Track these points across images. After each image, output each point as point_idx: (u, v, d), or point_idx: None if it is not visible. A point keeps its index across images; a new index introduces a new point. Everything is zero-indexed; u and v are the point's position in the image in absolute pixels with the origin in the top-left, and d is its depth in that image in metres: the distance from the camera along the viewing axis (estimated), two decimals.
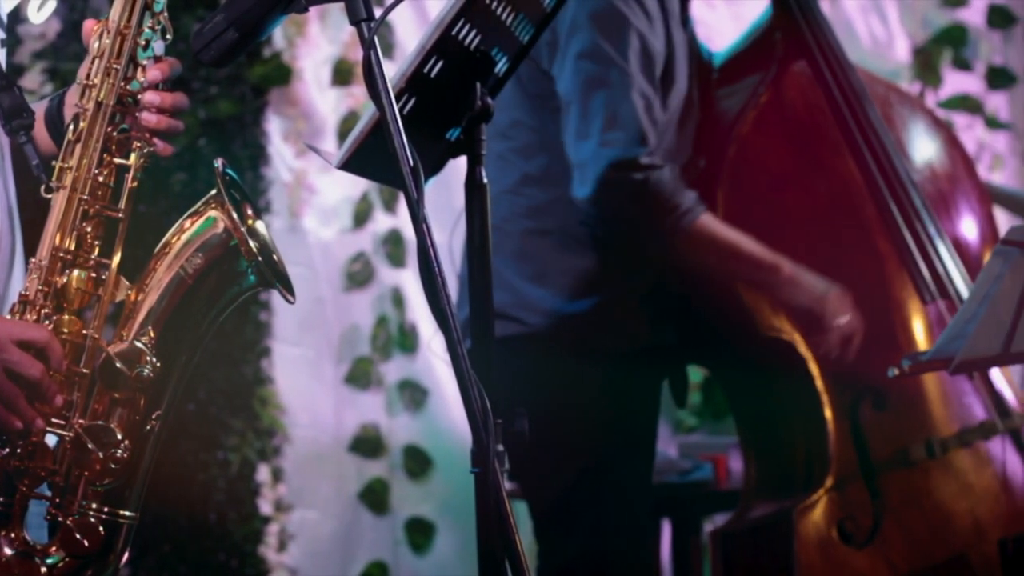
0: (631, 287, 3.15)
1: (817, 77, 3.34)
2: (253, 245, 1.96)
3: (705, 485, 3.90)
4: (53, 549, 1.94)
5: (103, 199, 1.96)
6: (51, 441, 1.93)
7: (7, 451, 1.91)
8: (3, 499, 1.92)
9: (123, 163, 1.97)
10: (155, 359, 1.95)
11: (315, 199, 4.23)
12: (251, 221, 1.99)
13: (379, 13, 1.90)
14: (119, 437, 1.93)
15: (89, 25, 1.99)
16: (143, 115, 1.96)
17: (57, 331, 1.93)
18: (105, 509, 1.94)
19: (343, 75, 4.26)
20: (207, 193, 2.00)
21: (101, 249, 1.96)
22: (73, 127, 1.95)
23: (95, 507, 1.94)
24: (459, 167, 2.23)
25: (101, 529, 1.93)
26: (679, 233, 3.07)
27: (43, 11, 2.20)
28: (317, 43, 4.23)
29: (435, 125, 2.22)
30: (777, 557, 3.14)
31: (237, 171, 2.06)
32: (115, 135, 1.96)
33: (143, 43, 1.96)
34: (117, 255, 1.96)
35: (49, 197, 1.95)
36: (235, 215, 1.96)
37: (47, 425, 1.91)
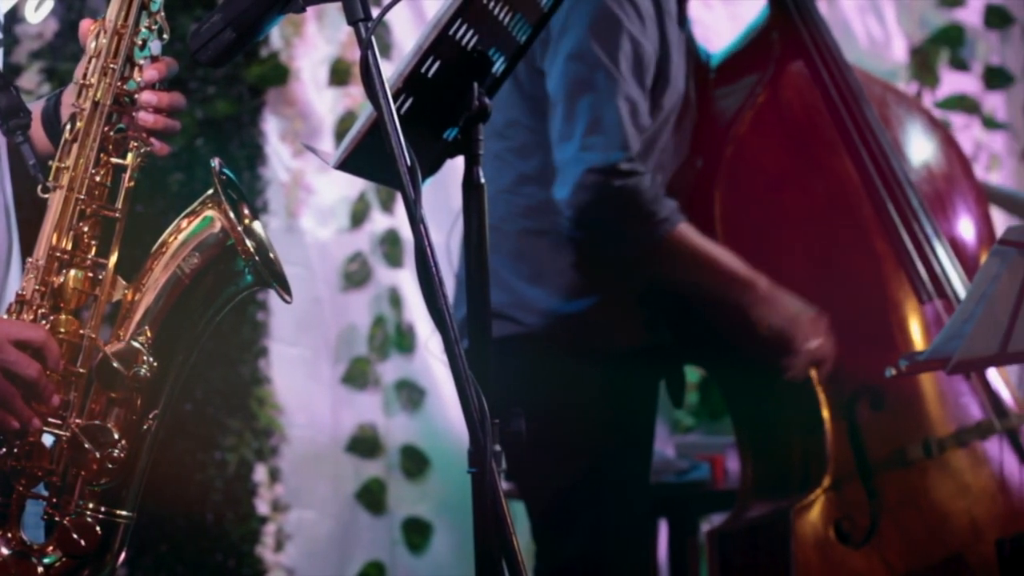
0: (628, 287, 3.14)
1: (814, 77, 3.34)
2: (250, 245, 1.96)
3: (702, 485, 3.90)
4: (50, 549, 1.94)
5: (100, 199, 1.96)
6: (48, 441, 1.93)
7: (4, 451, 1.91)
8: (0, 499, 1.92)
9: (120, 163, 1.97)
10: (152, 359, 1.95)
11: (312, 199, 4.22)
12: (248, 221, 1.99)
13: (376, 13, 1.90)
14: (116, 437, 1.93)
15: (86, 25, 1.99)
16: (140, 115, 1.96)
17: (54, 331, 1.93)
18: (102, 509, 1.94)
19: (340, 75, 4.25)
20: (204, 193, 2.00)
21: (98, 249, 1.96)
22: (70, 127, 1.95)
23: (92, 507, 1.94)
24: (456, 167, 2.22)
25: (98, 529, 1.93)
26: (655, 242, 3.06)
27: (40, 11, 2.20)
28: (314, 43, 4.23)
29: (432, 125, 2.22)
30: (774, 557, 3.14)
31: (234, 171, 2.06)
32: (112, 135, 1.96)
33: (140, 43, 1.96)
34: (114, 255, 1.96)
35: (46, 197, 1.95)
36: (232, 215, 1.96)
37: (44, 425, 1.91)
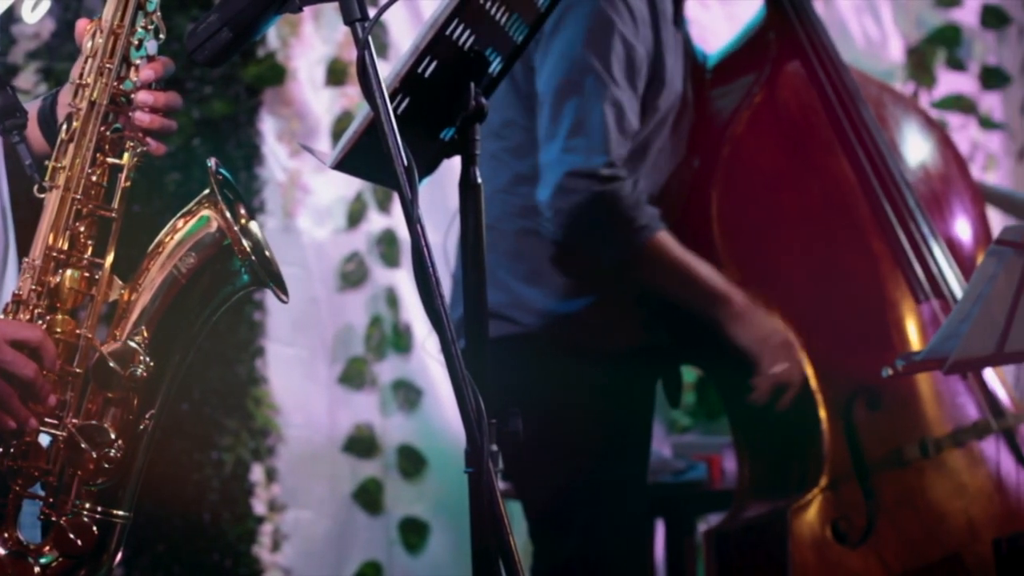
0: (625, 287, 3.14)
1: (811, 77, 3.34)
2: (246, 244, 1.96)
3: (699, 485, 3.90)
4: (47, 549, 1.94)
5: (96, 199, 1.96)
6: (44, 441, 1.93)
7: (1, 451, 1.91)
8: None
9: (116, 163, 1.97)
10: (148, 358, 1.95)
11: (309, 199, 4.22)
12: (244, 220, 1.99)
13: (373, 13, 1.90)
14: (112, 437, 1.93)
15: (82, 24, 1.99)
16: (136, 114, 1.96)
17: (50, 330, 1.93)
18: (99, 509, 1.94)
19: (337, 75, 4.25)
20: (201, 193, 2.00)
21: (94, 249, 1.96)
22: (66, 127, 1.95)
23: (88, 507, 1.94)
24: (453, 167, 2.22)
25: (95, 529, 1.93)
26: (632, 249, 3.05)
27: (37, 11, 2.20)
28: (311, 43, 4.23)
29: (429, 125, 2.22)
30: (771, 557, 3.14)
31: (231, 171, 2.06)
32: (108, 134, 1.96)
33: (136, 43, 1.96)
34: (110, 255, 1.97)
35: (42, 197, 1.95)
36: (228, 214, 1.96)
37: (40, 425, 1.91)
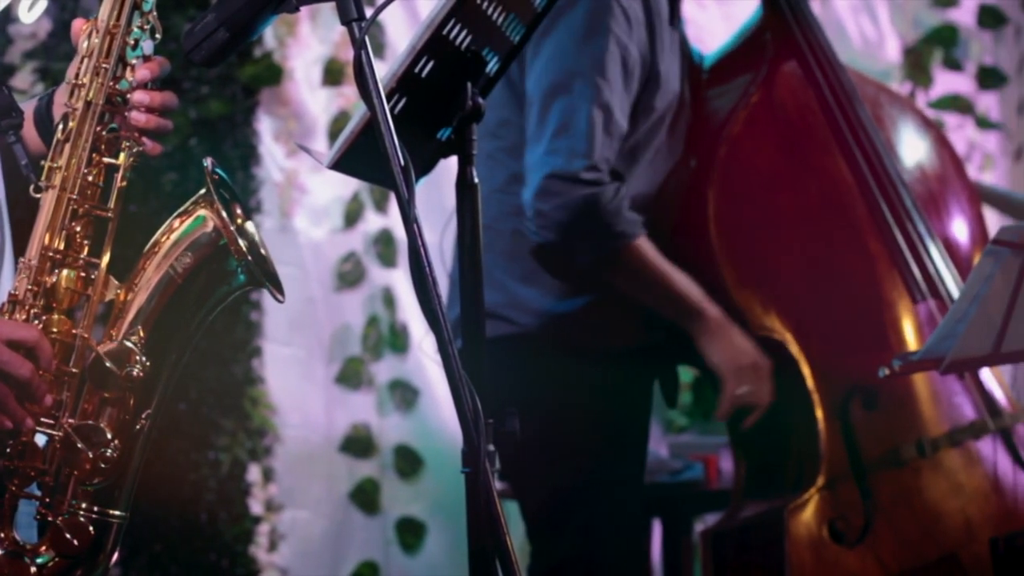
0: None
1: (808, 77, 3.34)
2: (243, 244, 1.96)
3: (696, 485, 3.90)
4: (43, 549, 1.94)
5: (92, 198, 1.96)
6: (41, 441, 1.93)
7: None
8: None
9: (112, 162, 1.97)
10: (145, 358, 1.95)
11: (306, 199, 4.22)
12: (240, 220, 1.99)
13: (370, 13, 1.90)
14: (109, 436, 1.93)
15: (78, 24, 1.99)
16: (132, 114, 1.96)
17: (47, 330, 1.93)
18: (95, 508, 1.94)
19: (334, 75, 4.25)
20: (197, 193, 2.00)
21: (90, 248, 1.96)
22: (62, 126, 1.95)
23: (85, 507, 1.94)
24: (450, 167, 2.22)
25: (91, 528, 1.93)
26: (608, 254, 3.04)
27: (34, 11, 2.20)
28: (308, 43, 4.23)
29: (426, 125, 2.21)
30: (768, 557, 3.14)
31: (228, 171, 2.06)
32: (104, 134, 1.96)
33: (132, 42, 1.96)
34: (106, 254, 1.97)
35: (38, 197, 1.95)
36: (224, 214, 1.96)
37: (37, 425, 1.91)
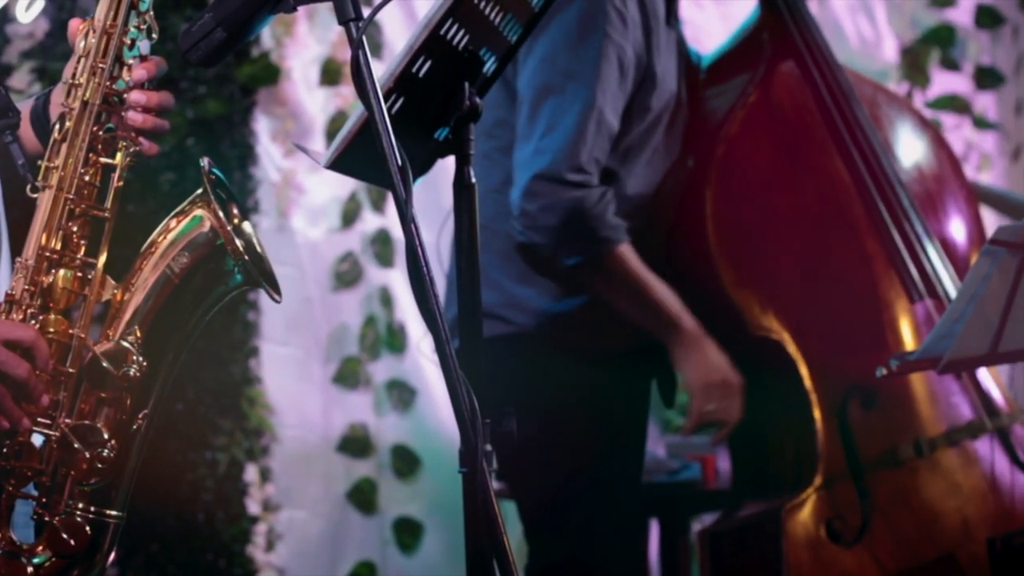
0: None
1: (805, 77, 3.34)
2: (239, 244, 1.96)
3: (693, 485, 3.90)
4: (39, 549, 1.94)
5: (89, 198, 1.96)
6: (37, 441, 1.93)
7: None
8: None
9: (109, 162, 1.97)
10: (141, 358, 1.95)
11: (303, 199, 4.22)
12: (237, 220, 1.99)
13: (367, 13, 1.90)
14: (105, 436, 1.93)
15: (75, 24, 1.99)
16: (129, 114, 1.96)
17: (43, 330, 1.92)
18: (92, 508, 1.94)
19: (331, 75, 4.25)
20: (194, 192, 2.00)
21: (87, 248, 1.96)
22: (59, 126, 1.95)
23: (81, 507, 1.93)
24: (447, 167, 2.22)
25: (87, 529, 1.93)
26: (589, 258, 3.02)
27: (31, 10, 2.20)
28: (305, 43, 4.23)
29: (423, 125, 2.21)
30: (765, 556, 3.14)
31: (225, 171, 2.06)
32: (101, 134, 1.96)
33: (129, 42, 1.96)
34: (103, 254, 1.96)
35: (35, 197, 1.95)
36: (221, 214, 1.96)
37: (33, 425, 1.91)
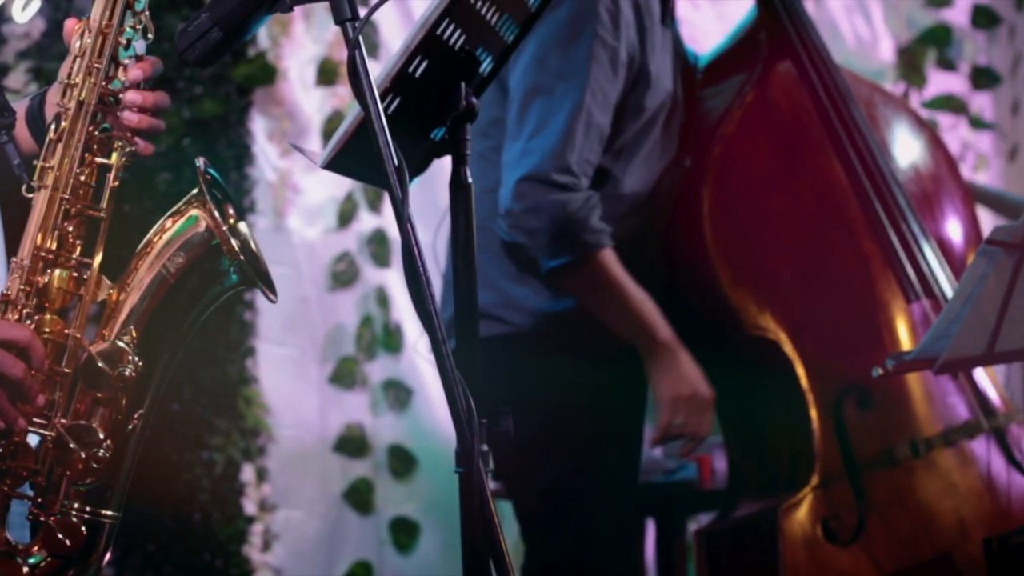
0: None
1: (802, 77, 3.34)
2: (235, 244, 1.96)
3: (690, 485, 3.90)
4: (35, 549, 1.94)
5: (85, 198, 1.96)
6: (33, 441, 1.93)
7: None
8: None
9: (105, 162, 1.97)
10: (137, 358, 1.94)
11: (300, 199, 4.22)
12: (233, 220, 1.99)
13: (364, 13, 1.90)
14: (101, 436, 1.93)
15: (70, 24, 1.99)
16: (124, 114, 1.96)
17: (39, 331, 1.92)
18: (87, 509, 1.94)
19: (328, 75, 4.25)
20: (190, 192, 2.00)
21: (83, 249, 1.96)
22: (55, 126, 1.95)
23: (77, 507, 1.93)
24: (443, 167, 2.22)
25: (83, 529, 1.93)
26: (570, 261, 3.01)
27: (27, 10, 2.20)
28: (302, 43, 4.23)
29: (420, 125, 2.22)
30: (762, 556, 3.14)
31: (222, 171, 2.06)
32: (97, 134, 1.96)
33: (124, 42, 1.96)
34: (99, 255, 1.96)
35: (31, 197, 1.95)
36: (217, 214, 1.96)
37: (29, 425, 1.91)
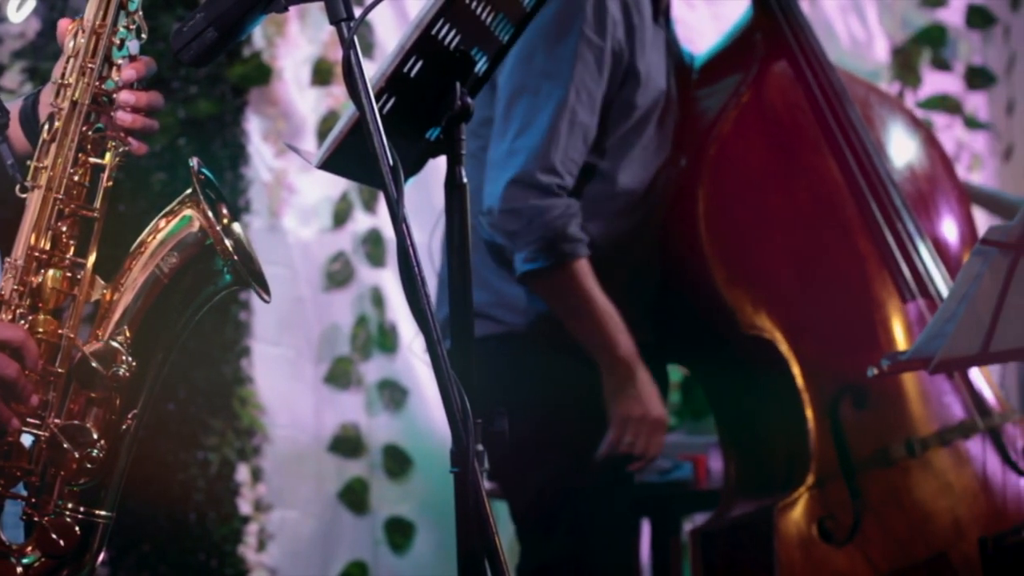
0: (609, 286, 3.13)
1: (797, 77, 3.34)
2: (228, 244, 1.96)
3: (685, 485, 3.89)
4: (29, 549, 1.93)
5: (78, 198, 1.96)
6: (27, 441, 1.92)
7: None
8: None
9: (98, 162, 1.97)
10: (131, 358, 1.94)
11: (295, 199, 4.22)
12: (226, 220, 1.98)
13: (359, 13, 1.90)
14: (95, 437, 1.93)
15: (64, 24, 1.99)
16: (118, 114, 1.95)
17: (32, 331, 1.92)
18: (81, 509, 1.93)
19: (323, 75, 4.25)
20: (184, 193, 2.00)
21: (77, 248, 1.96)
22: (48, 126, 1.95)
23: (71, 507, 1.93)
24: (438, 167, 2.22)
25: (77, 529, 1.93)
26: (544, 267, 3.01)
27: (22, 10, 2.19)
28: (297, 43, 4.22)
29: (415, 125, 2.21)
30: (757, 556, 3.14)
31: (217, 171, 2.06)
32: (90, 134, 1.96)
33: (118, 42, 1.96)
34: (92, 254, 1.96)
35: (24, 197, 1.95)
36: (210, 214, 1.96)
37: (23, 425, 1.91)
